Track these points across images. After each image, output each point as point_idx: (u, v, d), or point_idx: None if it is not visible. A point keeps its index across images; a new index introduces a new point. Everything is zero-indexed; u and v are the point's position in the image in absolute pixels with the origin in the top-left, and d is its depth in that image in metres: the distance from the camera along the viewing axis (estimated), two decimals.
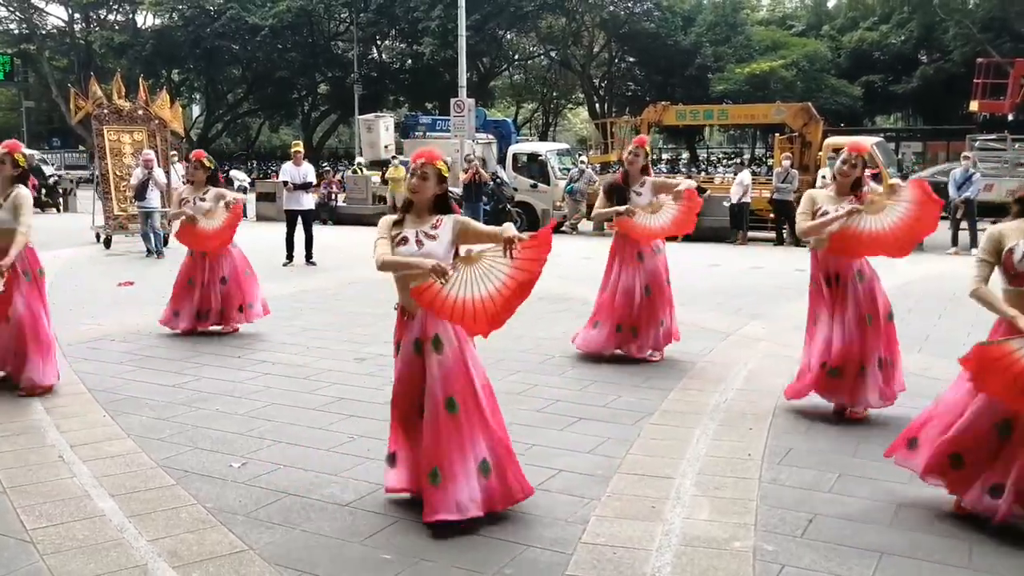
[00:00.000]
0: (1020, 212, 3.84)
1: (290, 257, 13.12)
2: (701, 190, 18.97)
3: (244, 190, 24.06)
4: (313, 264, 13.16)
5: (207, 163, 8.22)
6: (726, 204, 18.08)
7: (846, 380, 5.40)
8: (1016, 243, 3.67)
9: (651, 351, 7.15)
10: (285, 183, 13.32)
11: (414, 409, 4.04)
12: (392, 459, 4.16)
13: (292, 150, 14.01)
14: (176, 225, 8.36)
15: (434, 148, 4.27)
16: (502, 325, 3.89)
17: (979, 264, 3.96)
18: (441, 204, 4.10)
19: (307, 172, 13.27)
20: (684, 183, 7.14)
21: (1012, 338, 3.71)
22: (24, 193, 5.92)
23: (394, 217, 4.14)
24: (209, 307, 7.97)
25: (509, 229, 3.84)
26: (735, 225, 17.93)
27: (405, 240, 4.01)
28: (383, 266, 3.95)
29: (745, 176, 18.38)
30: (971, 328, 6.55)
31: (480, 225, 4.19)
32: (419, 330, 3.98)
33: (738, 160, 32.70)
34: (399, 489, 4.15)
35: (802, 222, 5.49)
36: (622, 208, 7.00)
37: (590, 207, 20.81)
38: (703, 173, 29.77)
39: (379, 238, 4.03)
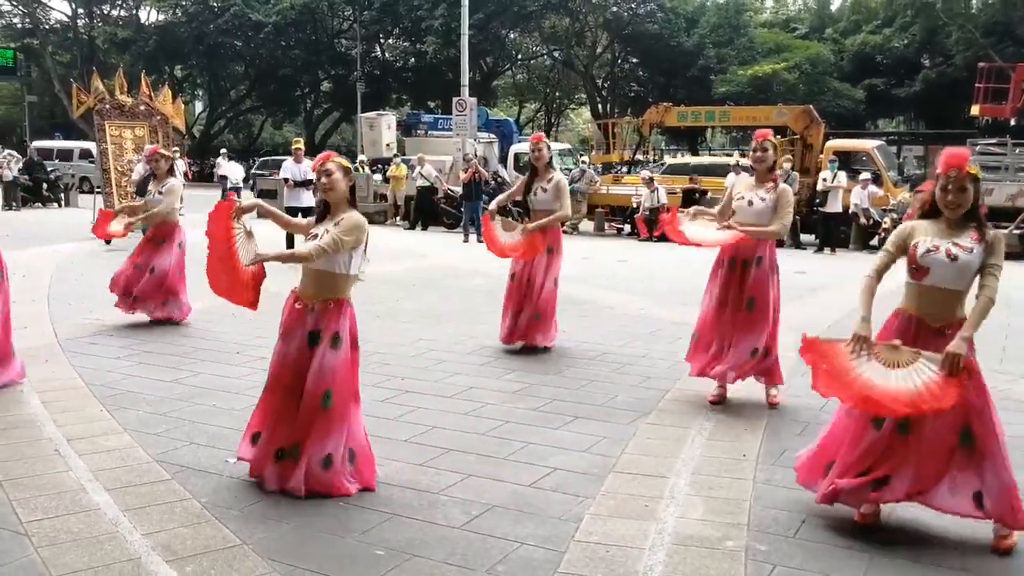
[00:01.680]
0: (929, 214, 3.86)
1: None
2: (703, 192, 19.12)
3: (238, 190, 23.42)
4: None
5: (167, 154, 8.77)
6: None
7: (708, 352, 5.88)
8: (921, 239, 3.75)
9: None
10: (286, 180, 13.32)
11: (294, 396, 4.21)
12: (256, 437, 4.34)
13: (293, 147, 14.02)
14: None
15: (331, 152, 4.47)
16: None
17: (881, 254, 3.97)
18: (351, 198, 4.35)
19: (308, 169, 13.26)
20: (535, 225, 7.05)
21: (845, 340, 3.84)
22: None
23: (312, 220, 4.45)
24: (131, 291, 8.23)
25: None
26: None
27: (316, 237, 4.27)
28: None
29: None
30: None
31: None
32: (314, 323, 4.20)
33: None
34: (250, 461, 4.35)
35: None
36: (492, 207, 7.33)
37: (591, 207, 20.97)
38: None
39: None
